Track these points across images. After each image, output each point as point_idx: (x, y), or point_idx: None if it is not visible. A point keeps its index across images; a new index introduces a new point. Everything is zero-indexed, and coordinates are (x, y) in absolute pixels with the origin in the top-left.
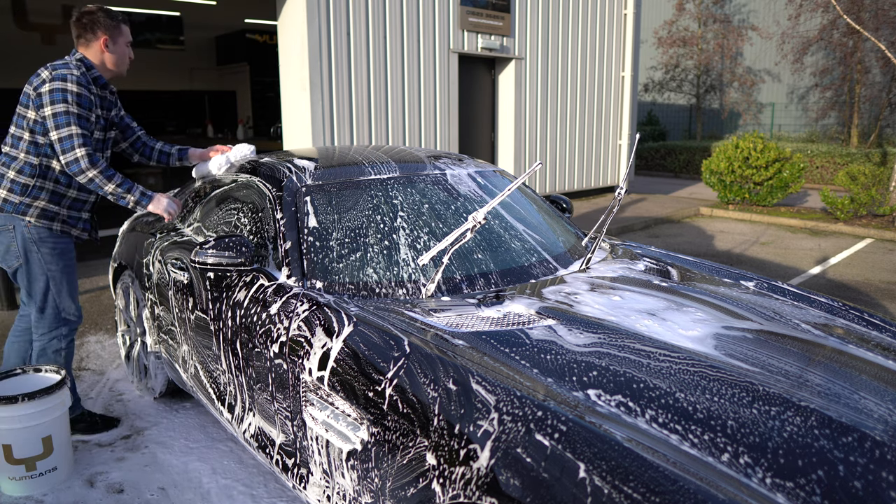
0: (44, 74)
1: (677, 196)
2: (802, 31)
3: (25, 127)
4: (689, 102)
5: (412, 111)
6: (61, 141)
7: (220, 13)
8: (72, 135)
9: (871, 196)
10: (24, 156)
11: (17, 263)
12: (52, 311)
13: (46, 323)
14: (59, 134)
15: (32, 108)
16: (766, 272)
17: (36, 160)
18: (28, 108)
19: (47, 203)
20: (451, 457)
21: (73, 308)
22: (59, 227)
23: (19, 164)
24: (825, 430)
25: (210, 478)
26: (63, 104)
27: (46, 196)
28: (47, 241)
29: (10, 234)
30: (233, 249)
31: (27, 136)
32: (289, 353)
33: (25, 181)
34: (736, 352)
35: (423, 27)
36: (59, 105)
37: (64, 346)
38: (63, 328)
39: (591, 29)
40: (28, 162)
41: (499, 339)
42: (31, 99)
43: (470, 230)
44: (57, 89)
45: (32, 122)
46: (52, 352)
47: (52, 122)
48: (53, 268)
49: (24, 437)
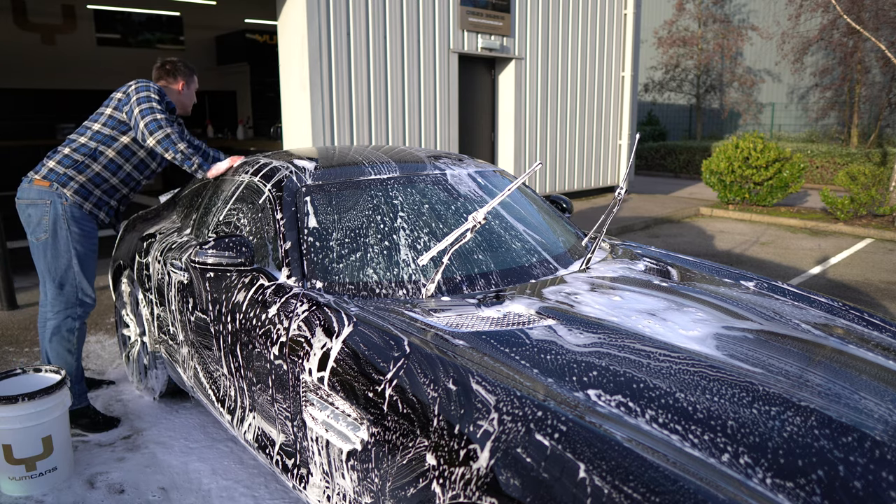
0: (130, 83)
1: (677, 196)
2: (802, 31)
3: (98, 121)
4: (689, 102)
5: (412, 111)
6: (148, 125)
7: (220, 13)
8: (160, 119)
9: (871, 196)
10: (86, 140)
11: (45, 237)
12: (72, 290)
13: (64, 300)
14: (148, 119)
15: (112, 107)
16: (766, 272)
17: (94, 144)
18: (108, 106)
19: (87, 181)
20: (451, 457)
21: (90, 290)
22: (90, 208)
23: (76, 145)
24: (825, 431)
25: (210, 478)
26: (148, 102)
27: (90, 174)
28: (78, 221)
29: (46, 208)
30: (233, 249)
31: (95, 126)
32: (289, 354)
33: (77, 158)
34: (736, 352)
35: (423, 27)
36: (145, 103)
37: (77, 327)
38: (79, 308)
39: (591, 29)
40: (86, 144)
41: (499, 339)
42: (114, 99)
43: (470, 230)
44: (143, 87)
45: (107, 118)
46: (67, 330)
47: (140, 113)
48: (79, 248)
49: (24, 437)
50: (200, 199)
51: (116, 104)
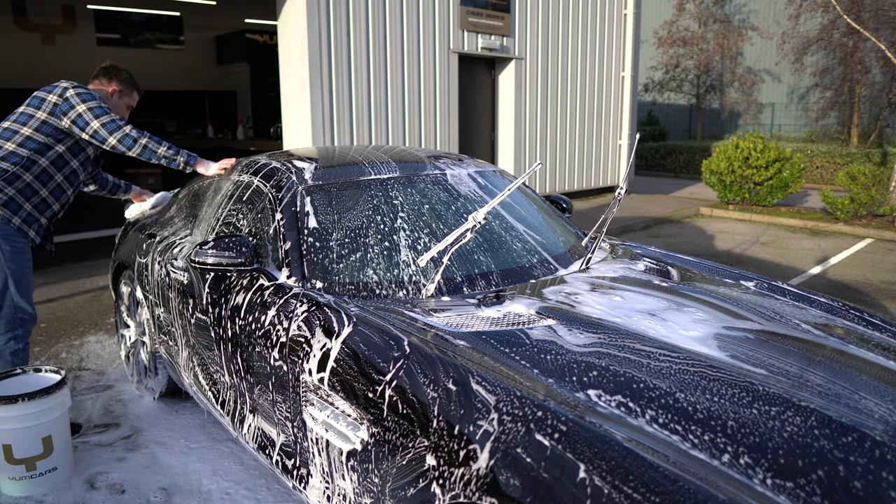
0: (64, 83)
1: (677, 196)
2: (802, 31)
3: (27, 124)
4: (689, 102)
5: (412, 111)
6: (105, 126)
7: (220, 13)
8: (112, 119)
9: (871, 196)
10: (14, 147)
11: None
12: (10, 311)
13: (3, 324)
14: (102, 121)
15: (46, 111)
16: (766, 272)
17: (24, 152)
18: (39, 109)
19: (16, 193)
20: (451, 457)
21: (29, 307)
22: (18, 223)
23: (4, 153)
24: (825, 431)
25: (211, 479)
26: (94, 101)
27: (20, 186)
28: (7, 239)
29: None
30: (233, 249)
31: (24, 131)
32: (289, 354)
33: (5, 167)
34: (736, 352)
35: (423, 27)
36: (92, 102)
37: (21, 347)
38: (20, 329)
39: (591, 29)
40: (14, 152)
41: (499, 340)
42: (47, 103)
43: (470, 230)
44: (85, 92)
45: (40, 122)
46: (10, 353)
47: (91, 114)
48: (13, 266)
49: (24, 437)
50: (200, 200)
51: (52, 109)
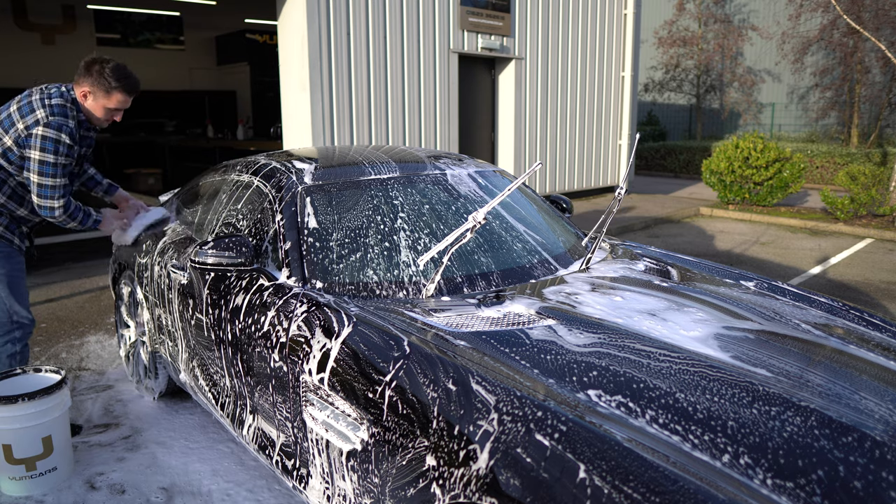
0: (39, 114)
1: (677, 196)
2: (802, 31)
3: None
4: (689, 102)
5: (412, 111)
6: (42, 187)
7: (220, 13)
8: (55, 186)
9: (871, 196)
10: None
11: None
12: (5, 315)
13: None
14: (42, 181)
15: (11, 138)
16: (766, 272)
17: None
18: (7, 133)
19: None
20: (451, 457)
21: (24, 311)
22: (1, 230)
23: None
24: (825, 431)
25: (211, 479)
26: (53, 155)
27: None
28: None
29: None
30: (232, 249)
31: None
32: (289, 354)
33: None
34: (737, 352)
35: (423, 27)
36: (49, 155)
37: (19, 350)
38: (17, 332)
39: (591, 29)
40: None
41: (499, 340)
42: (16, 131)
43: (470, 230)
44: (50, 139)
45: (6, 148)
46: (7, 356)
47: (38, 167)
48: (3, 271)
49: (24, 437)
50: (200, 200)
51: (16, 138)
